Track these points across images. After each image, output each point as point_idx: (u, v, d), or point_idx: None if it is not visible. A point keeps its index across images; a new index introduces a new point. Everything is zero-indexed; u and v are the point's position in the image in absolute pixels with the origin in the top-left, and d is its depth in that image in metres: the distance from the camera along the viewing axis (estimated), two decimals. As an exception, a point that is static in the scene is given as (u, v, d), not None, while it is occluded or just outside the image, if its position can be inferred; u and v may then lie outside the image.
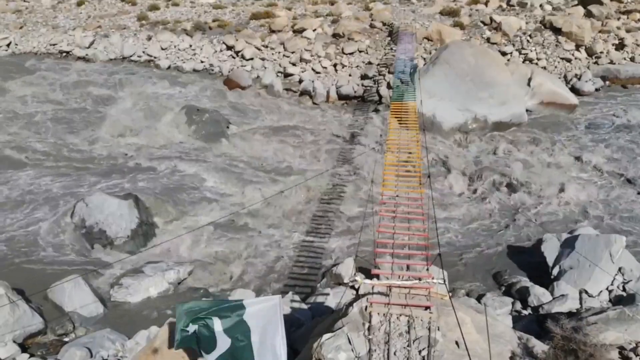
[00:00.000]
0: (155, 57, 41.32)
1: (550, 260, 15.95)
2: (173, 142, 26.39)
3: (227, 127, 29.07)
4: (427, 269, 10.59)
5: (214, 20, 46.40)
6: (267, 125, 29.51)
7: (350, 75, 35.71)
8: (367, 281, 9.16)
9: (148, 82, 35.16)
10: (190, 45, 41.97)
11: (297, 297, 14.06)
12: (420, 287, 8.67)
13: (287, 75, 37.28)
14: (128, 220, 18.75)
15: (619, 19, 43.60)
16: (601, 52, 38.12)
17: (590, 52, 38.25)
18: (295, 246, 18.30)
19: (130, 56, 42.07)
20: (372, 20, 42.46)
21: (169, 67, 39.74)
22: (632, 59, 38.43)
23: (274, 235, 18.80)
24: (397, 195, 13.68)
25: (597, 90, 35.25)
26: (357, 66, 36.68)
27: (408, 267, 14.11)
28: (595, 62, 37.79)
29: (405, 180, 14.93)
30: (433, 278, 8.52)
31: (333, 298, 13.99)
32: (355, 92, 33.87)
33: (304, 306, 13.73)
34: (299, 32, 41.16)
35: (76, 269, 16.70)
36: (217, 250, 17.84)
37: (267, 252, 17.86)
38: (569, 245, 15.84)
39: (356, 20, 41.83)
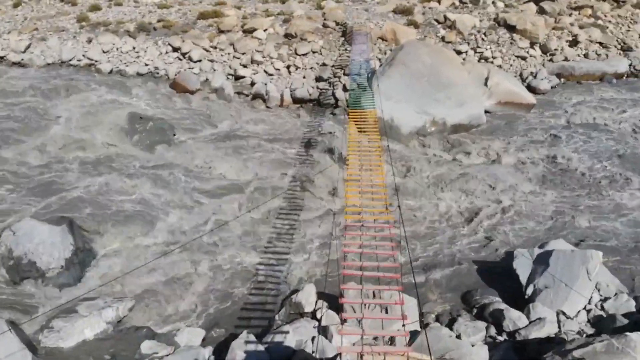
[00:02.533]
0: (96, 61, 38.73)
1: (523, 279, 14.95)
2: (114, 155, 24.26)
3: (174, 136, 27.17)
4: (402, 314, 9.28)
5: (158, 21, 44.06)
6: (218, 133, 27.74)
7: (304, 77, 34.24)
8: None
9: (88, 88, 32.68)
10: (134, 48, 39.60)
11: (252, 337, 12.52)
12: (397, 351, 7.35)
13: (237, 77, 35.51)
14: (61, 249, 16.78)
15: (570, 15, 43.68)
16: (555, 49, 37.95)
17: (544, 50, 38.03)
18: (250, 272, 16.72)
19: (70, 60, 39.35)
20: (324, 19, 41.09)
21: (111, 72, 37.27)
22: (586, 55, 38.45)
23: (226, 260, 17.13)
24: (362, 225, 12.37)
25: (553, 87, 34.95)
26: (312, 68, 35.27)
27: (375, 294, 12.91)
28: (550, 60, 37.55)
29: (370, 205, 13.64)
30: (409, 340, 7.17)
31: (293, 335, 12.55)
32: (310, 95, 32.41)
33: (261, 347, 12.22)
34: (249, 32, 39.42)
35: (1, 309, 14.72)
36: (161, 281, 16.07)
37: (217, 281, 16.22)
38: (542, 261, 14.87)
39: (308, 20, 40.42)
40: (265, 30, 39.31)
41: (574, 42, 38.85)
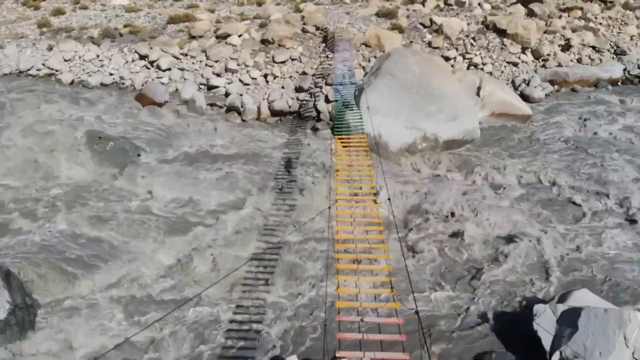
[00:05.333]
0: (56, 71, 35.80)
1: (546, 343, 12.53)
2: (66, 182, 21.36)
3: (138, 156, 24.44)
4: None
5: (125, 26, 41.11)
6: (187, 152, 25.09)
7: (283, 87, 31.64)
8: None
9: (45, 102, 29.79)
10: (98, 56, 36.70)
11: None
12: None
13: (210, 87, 32.89)
14: (-7, 309, 14.00)
15: (560, 17, 41.72)
16: (548, 55, 35.96)
17: (536, 55, 36.04)
18: (223, 332, 14.04)
19: (28, 70, 36.39)
20: (303, 23, 38.51)
21: (72, 82, 34.38)
22: (579, 60, 36.54)
23: (191, 321, 14.42)
24: (360, 307, 9.85)
25: (547, 95, 32.95)
26: (291, 77, 32.69)
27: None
28: (543, 66, 35.55)
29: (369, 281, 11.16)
30: None
31: None
32: (290, 107, 29.83)
33: None
34: (222, 37, 36.73)
35: None
36: (113, 344, 13.28)
37: (185, 343, 13.54)
38: (568, 322, 12.47)
39: (286, 24, 37.78)
40: (240, 36, 36.68)
41: (566, 47, 36.84)
